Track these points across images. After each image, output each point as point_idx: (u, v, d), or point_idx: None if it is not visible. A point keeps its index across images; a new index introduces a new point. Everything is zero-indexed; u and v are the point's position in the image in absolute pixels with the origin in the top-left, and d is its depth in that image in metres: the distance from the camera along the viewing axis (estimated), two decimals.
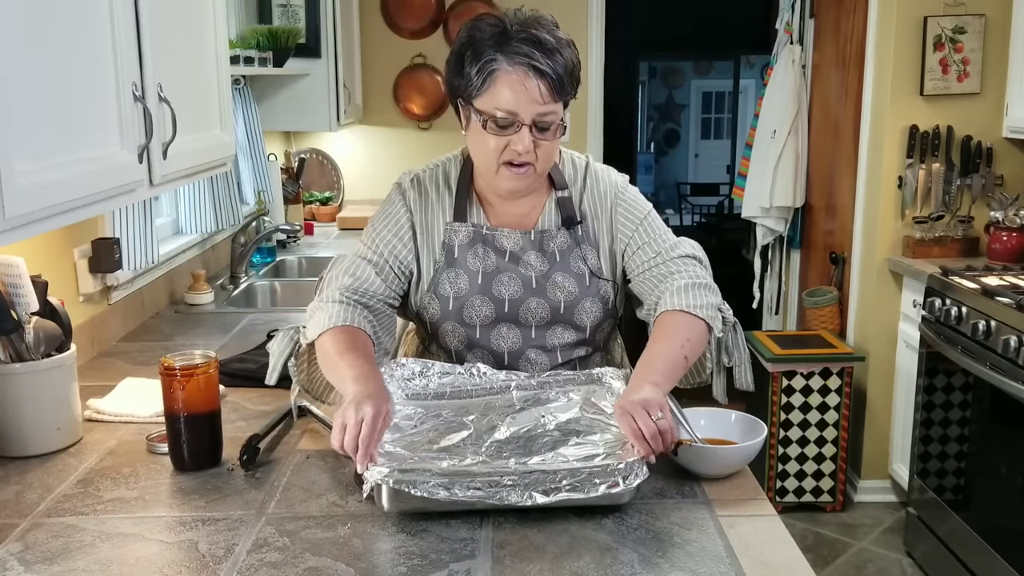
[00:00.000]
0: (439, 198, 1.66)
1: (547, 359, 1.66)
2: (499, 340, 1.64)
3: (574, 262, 1.65)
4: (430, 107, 4.65)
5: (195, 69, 1.98)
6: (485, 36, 1.50)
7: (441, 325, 1.65)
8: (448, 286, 1.63)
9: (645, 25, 8.30)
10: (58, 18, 1.36)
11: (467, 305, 1.63)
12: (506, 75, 1.48)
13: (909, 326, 3.45)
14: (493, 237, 1.64)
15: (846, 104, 3.96)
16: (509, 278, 1.63)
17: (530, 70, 1.47)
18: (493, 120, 1.50)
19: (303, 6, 3.76)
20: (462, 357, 1.67)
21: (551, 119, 1.51)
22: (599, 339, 1.70)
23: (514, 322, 1.64)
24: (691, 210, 10.69)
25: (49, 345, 1.66)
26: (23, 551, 1.29)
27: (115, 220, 2.40)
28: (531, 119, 1.49)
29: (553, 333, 1.65)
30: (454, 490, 1.28)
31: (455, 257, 1.63)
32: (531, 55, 1.47)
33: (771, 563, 1.23)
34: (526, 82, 1.47)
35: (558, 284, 1.63)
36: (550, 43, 1.48)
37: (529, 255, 1.64)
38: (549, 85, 1.48)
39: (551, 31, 1.51)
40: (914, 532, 3.29)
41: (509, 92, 1.48)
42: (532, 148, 1.51)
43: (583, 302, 1.64)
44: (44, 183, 1.27)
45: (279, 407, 1.81)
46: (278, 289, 3.26)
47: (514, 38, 1.48)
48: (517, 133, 1.50)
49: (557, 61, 1.48)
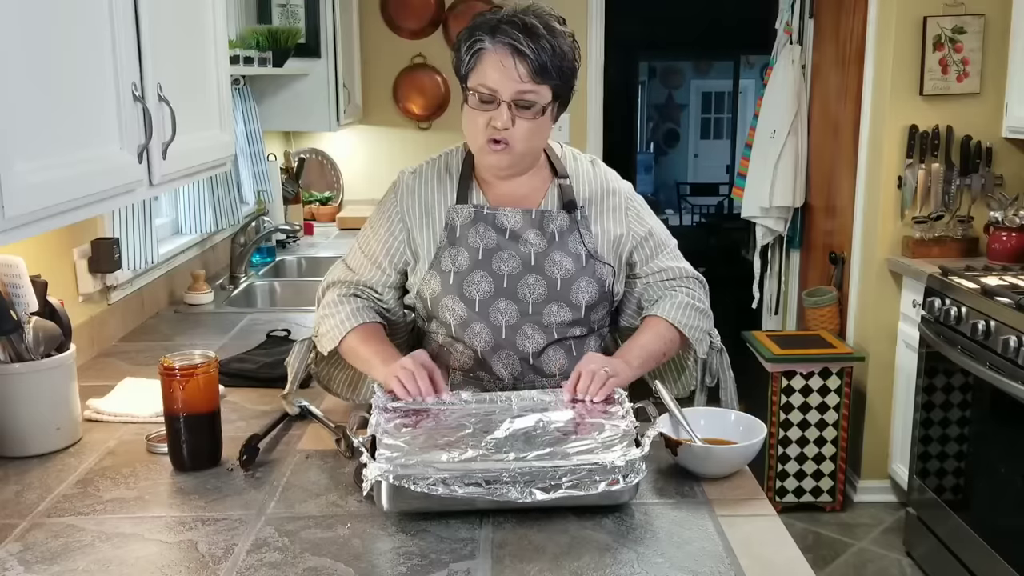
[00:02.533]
0: (441, 184, 1.73)
1: (543, 336, 1.69)
2: (497, 315, 1.68)
3: (572, 243, 1.70)
4: (430, 107, 4.64)
5: (195, 69, 1.98)
6: (482, 22, 1.62)
7: (441, 300, 1.69)
8: (449, 262, 1.69)
9: (645, 25, 8.29)
10: (58, 18, 1.36)
11: (467, 280, 1.68)
12: (490, 54, 1.59)
13: (909, 326, 3.45)
14: (494, 216, 1.70)
15: (846, 104, 3.96)
16: (509, 255, 1.68)
17: (510, 49, 1.57)
18: (477, 95, 1.61)
19: (303, 6, 3.75)
20: (461, 332, 1.70)
21: (531, 99, 1.60)
22: (594, 320, 1.74)
23: (512, 298, 1.68)
24: (691, 210, 10.69)
25: (49, 345, 1.66)
26: (22, 551, 1.29)
27: (115, 220, 2.40)
28: (510, 96, 1.59)
29: (549, 311, 1.68)
30: (454, 486, 1.28)
31: (457, 236, 1.69)
32: (515, 37, 1.57)
33: (770, 563, 1.23)
34: (505, 60, 1.58)
35: (556, 262, 1.69)
36: (538, 29, 1.58)
37: (529, 233, 1.69)
38: (528, 66, 1.57)
39: (545, 20, 1.60)
40: (914, 532, 3.29)
41: (491, 69, 1.59)
42: (511, 125, 1.60)
43: (579, 280, 1.69)
44: (44, 183, 1.27)
45: (279, 407, 1.81)
46: (278, 289, 3.26)
47: (504, 23, 1.59)
48: (497, 109, 1.60)
49: (542, 46, 1.57)
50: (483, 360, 1.70)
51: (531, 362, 1.70)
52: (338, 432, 1.62)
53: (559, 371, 1.71)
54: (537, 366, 1.70)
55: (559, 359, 1.71)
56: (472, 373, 1.72)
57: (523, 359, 1.69)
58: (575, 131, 4.52)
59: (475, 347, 1.69)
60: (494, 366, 1.70)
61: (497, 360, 1.69)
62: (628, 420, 1.47)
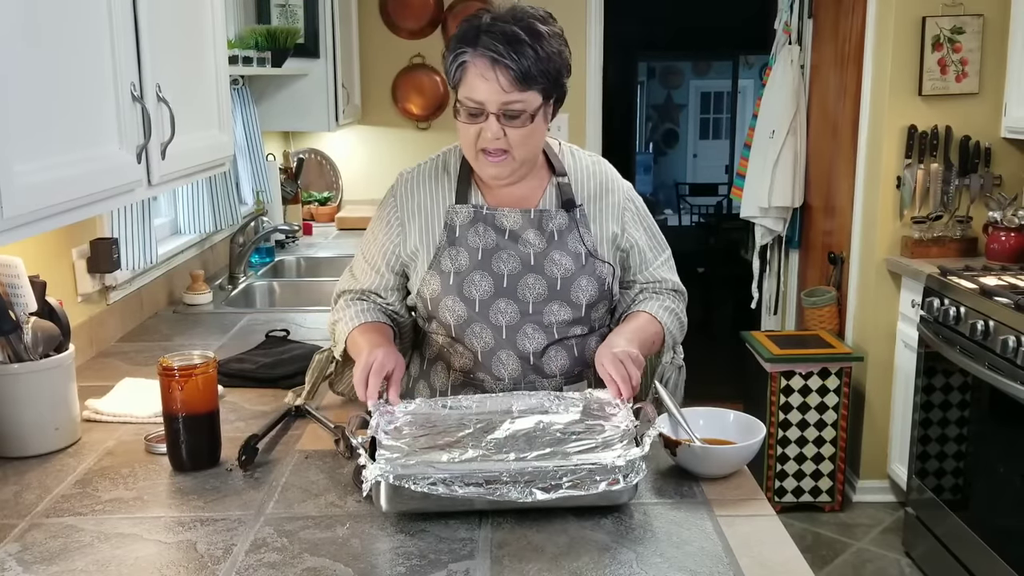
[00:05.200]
0: (439, 185, 1.73)
1: (543, 336, 1.69)
2: (497, 315, 1.67)
3: (572, 242, 1.70)
4: (428, 107, 4.64)
5: (194, 69, 1.98)
6: (463, 31, 1.59)
7: (442, 300, 1.68)
8: (449, 262, 1.68)
9: (644, 25, 8.29)
10: (57, 18, 1.36)
11: (467, 280, 1.67)
12: (472, 67, 1.57)
13: (908, 326, 3.46)
14: (493, 216, 1.70)
15: (845, 104, 3.96)
16: (508, 255, 1.68)
17: (490, 62, 1.55)
18: (466, 108, 1.59)
19: (301, 6, 3.75)
20: (461, 332, 1.70)
21: (518, 108, 1.57)
22: (594, 319, 1.74)
23: (512, 298, 1.67)
24: (690, 210, 10.68)
25: (47, 345, 1.66)
26: (21, 551, 1.29)
27: (114, 220, 2.40)
28: (496, 108, 1.57)
29: (550, 310, 1.68)
30: (454, 486, 1.28)
31: (456, 236, 1.69)
32: (494, 48, 1.54)
33: (770, 563, 1.23)
34: (486, 73, 1.55)
35: (555, 261, 1.68)
36: (518, 36, 1.55)
37: (528, 233, 1.69)
38: (510, 76, 1.54)
39: (527, 24, 1.57)
40: (913, 532, 3.29)
41: (476, 82, 1.57)
42: (502, 136, 1.58)
43: (579, 279, 1.68)
44: (43, 183, 1.27)
45: (278, 407, 1.81)
46: (277, 289, 3.26)
47: (484, 32, 1.56)
48: (486, 122, 1.58)
49: (524, 53, 1.54)
50: (483, 361, 1.69)
51: (532, 362, 1.69)
52: (337, 432, 1.62)
53: (560, 371, 1.70)
54: (538, 366, 1.69)
55: (560, 359, 1.70)
56: (472, 374, 1.71)
57: (523, 359, 1.69)
58: (574, 131, 4.52)
59: (475, 347, 1.69)
60: (494, 367, 1.69)
61: (497, 361, 1.69)
62: (628, 420, 1.47)
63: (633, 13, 7.40)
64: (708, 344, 5.30)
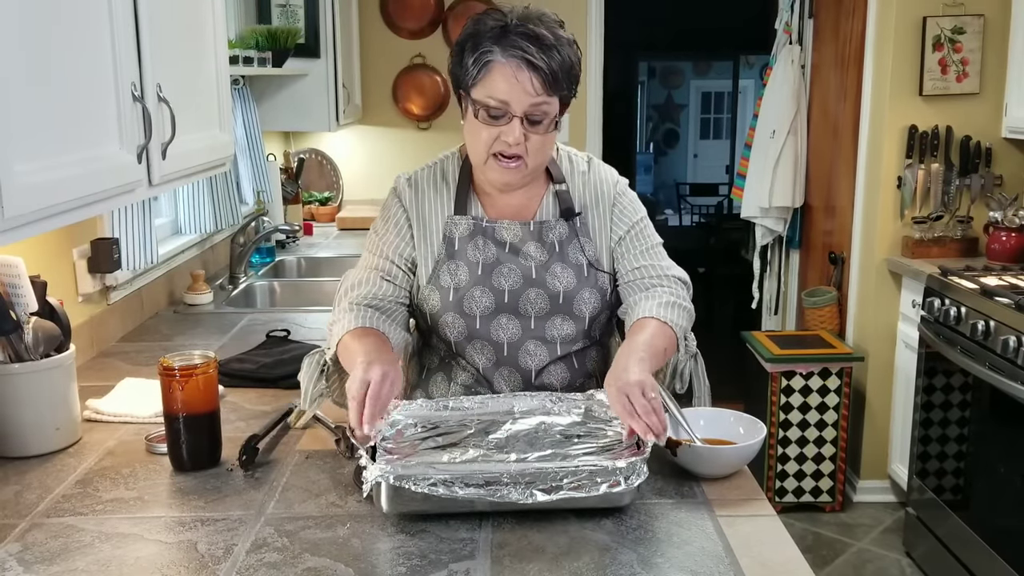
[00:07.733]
0: (437, 194, 1.68)
1: (546, 351, 1.66)
2: (499, 331, 1.65)
3: (573, 253, 1.67)
4: (429, 107, 4.65)
5: (194, 69, 1.98)
6: (486, 29, 1.53)
7: (441, 316, 1.65)
8: (448, 277, 1.64)
9: (644, 25, 8.29)
10: (57, 18, 1.35)
11: (467, 296, 1.63)
12: (500, 66, 1.51)
13: (908, 326, 3.46)
14: (493, 229, 1.66)
15: (845, 104, 3.96)
16: (509, 269, 1.64)
17: (523, 63, 1.50)
18: (486, 109, 1.53)
19: (302, 6, 3.76)
20: (462, 348, 1.67)
21: (544, 111, 1.54)
22: (596, 331, 1.71)
23: (514, 313, 1.64)
24: (690, 210, 10.67)
25: (48, 345, 1.66)
26: (22, 551, 1.29)
27: (114, 220, 2.40)
28: (522, 111, 1.52)
29: (552, 324, 1.65)
30: (454, 487, 1.28)
31: (455, 249, 1.65)
32: (526, 49, 1.50)
33: (770, 563, 1.23)
34: (518, 74, 1.50)
35: (557, 274, 1.65)
36: (548, 39, 1.51)
37: (529, 246, 1.65)
38: (542, 79, 1.51)
39: (551, 28, 1.54)
40: (913, 532, 3.29)
41: (502, 82, 1.51)
42: (522, 140, 1.54)
43: (582, 292, 1.65)
44: (43, 183, 1.27)
45: (278, 407, 1.81)
46: (277, 289, 3.26)
47: (512, 32, 1.51)
48: (508, 124, 1.53)
49: (552, 57, 1.51)
50: (484, 377, 1.67)
51: (533, 380, 1.66)
52: (338, 432, 1.62)
53: (560, 386, 1.68)
54: (539, 385, 1.67)
55: (560, 373, 1.68)
56: (473, 390, 1.69)
57: (525, 377, 1.67)
58: (575, 132, 4.52)
59: (476, 364, 1.67)
60: (495, 383, 1.67)
61: (499, 377, 1.67)
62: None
63: (633, 13, 7.40)
64: (709, 344, 5.33)
